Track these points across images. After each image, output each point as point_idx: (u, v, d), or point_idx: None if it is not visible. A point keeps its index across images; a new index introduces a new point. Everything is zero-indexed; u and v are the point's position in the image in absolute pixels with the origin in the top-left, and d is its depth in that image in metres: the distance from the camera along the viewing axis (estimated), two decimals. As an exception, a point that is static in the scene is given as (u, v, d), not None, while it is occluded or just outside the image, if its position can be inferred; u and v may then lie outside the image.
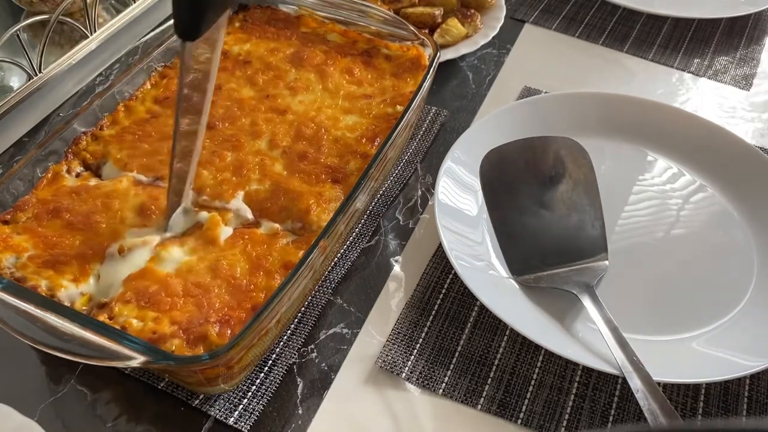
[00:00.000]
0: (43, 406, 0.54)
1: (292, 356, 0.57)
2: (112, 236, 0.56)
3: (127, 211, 0.58)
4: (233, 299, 0.52)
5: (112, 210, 0.58)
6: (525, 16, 0.96)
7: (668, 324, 0.59)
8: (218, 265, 0.54)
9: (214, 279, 0.53)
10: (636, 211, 0.69)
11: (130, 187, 0.60)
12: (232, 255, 0.55)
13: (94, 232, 0.56)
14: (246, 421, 0.53)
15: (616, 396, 0.56)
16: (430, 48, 0.71)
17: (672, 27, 0.95)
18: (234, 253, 0.55)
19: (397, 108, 0.68)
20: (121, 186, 0.60)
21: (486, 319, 0.60)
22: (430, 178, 0.73)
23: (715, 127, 0.73)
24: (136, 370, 0.55)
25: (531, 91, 0.84)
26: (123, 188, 0.60)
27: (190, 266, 0.54)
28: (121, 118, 0.66)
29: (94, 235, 0.56)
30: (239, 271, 0.54)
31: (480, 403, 0.55)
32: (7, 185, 0.57)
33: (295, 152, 0.64)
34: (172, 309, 0.51)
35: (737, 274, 0.63)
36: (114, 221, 0.57)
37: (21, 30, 0.72)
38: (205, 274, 0.54)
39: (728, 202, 0.70)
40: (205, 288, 0.53)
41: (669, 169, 0.73)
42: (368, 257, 0.65)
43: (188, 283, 0.53)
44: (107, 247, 0.55)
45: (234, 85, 0.70)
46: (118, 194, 0.59)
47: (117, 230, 0.56)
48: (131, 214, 0.58)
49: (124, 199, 0.59)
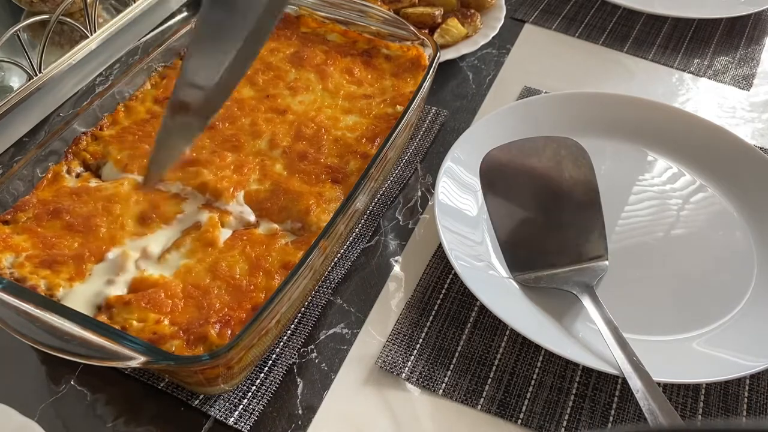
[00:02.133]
0: (43, 406, 0.54)
1: (292, 356, 0.57)
2: (112, 242, 0.56)
3: (128, 218, 0.58)
4: (233, 299, 0.52)
5: (113, 215, 0.58)
6: (525, 16, 0.96)
7: (668, 324, 0.59)
8: (217, 267, 0.54)
9: (214, 280, 0.53)
10: (636, 211, 0.69)
11: (131, 192, 0.60)
12: (231, 257, 0.55)
13: (93, 235, 0.56)
14: (246, 422, 0.53)
15: (616, 396, 0.56)
16: (430, 48, 0.71)
17: (672, 27, 0.95)
18: (233, 254, 0.55)
19: (397, 108, 0.68)
20: (123, 189, 0.60)
21: (486, 319, 0.60)
22: (430, 178, 0.73)
23: (715, 127, 0.73)
24: (136, 371, 0.55)
25: (531, 91, 0.84)
26: (124, 192, 0.60)
27: (189, 268, 0.54)
28: (121, 118, 0.66)
29: (94, 238, 0.56)
30: (239, 271, 0.54)
31: (480, 403, 0.55)
32: (7, 185, 0.57)
33: (295, 152, 0.64)
34: (173, 311, 0.51)
35: (737, 274, 0.63)
36: (114, 227, 0.57)
37: (21, 30, 0.72)
38: (204, 275, 0.54)
39: (728, 202, 0.70)
40: (205, 289, 0.53)
41: (669, 169, 0.73)
42: (368, 257, 0.65)
43: (187, 284, 0.53)
44: (106, 251, 0.55)
45: (234, 85, 0.70)
46: (120, 198, 0.59)
47: (116, 237, 0.56)
48: (131, 222, 0.58)
49: (125, 205, 0.58)
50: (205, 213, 0.58)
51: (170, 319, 0.50)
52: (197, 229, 0.57)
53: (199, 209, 0.59)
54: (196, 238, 0.57)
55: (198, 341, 0.49)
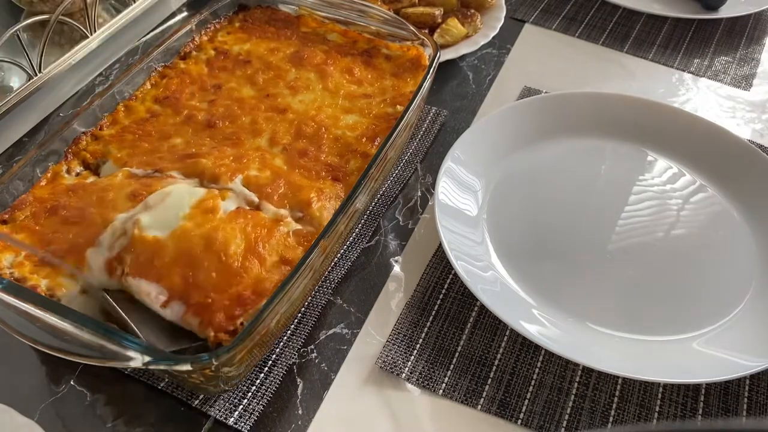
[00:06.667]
0: (43, 406, 0.54)
1: (292, 356, 0.57)
2: (104, 224, 0.54)
3: (120, 200, 0.57)
4: (220, 280, 0.51)
5: (106, 201, 0.57)
6: (525, 16, 0.96)
7: (668, 324, 0.59)
8: (213, 237, 0.52)
9: (206, 251, 0.51)
10: (636, 212, 0.69)
11: (124, 180, 0.59)
12: (231, 228, 0.53)
13: (88, 223, 0.55)
14: (246, 421, 0.53)
15: (616, 396, 0.56)
16: (430, 48, 0.71)
17: (672, 27, 0.95)
18: (233, 227, 0.53)
19: (397, 108, 0.68)
20: (116, 180, 0.59)
21: (486, 319, 0.60)
22: (430, 178, 0.73)
23: (715, 127, 0.73)
24: (136, 371, 0.55)
25: (531, 91, 0.84)
26: (118, 182, 0.59)
27: (186, 231, 0.52)
28: (121, 118, 0.66)
29: (88, 225, 0.55)
30: (233, 249, 0.52)
31: (480, 403, 0.55)
32: (7, 185, 0.57)
33: (296, 150, 0.63)
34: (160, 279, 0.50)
35: (737, 274, 0.63)
36: (107, 210, 0.56)
37: (21, 30, 0.72)
38: (199, 242, 0.52)
39: (728, 202, 0.70)
40: (195, 261, 0.51)
41: (669, 170, 0.73)
42: (368, 257, 0.65)
43: (180, 251, 0.51)
44: (99, 234, 0.54)
45: (234, 85, 0.70)
46: (113, 187, 0.58)
47: (108, 218, 0.55)
48: (123, 201, 0.56)
49: (118, 191, 0.58)
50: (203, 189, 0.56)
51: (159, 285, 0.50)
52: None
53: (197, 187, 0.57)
54: (194, 205, 0.54)
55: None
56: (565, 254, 0.65)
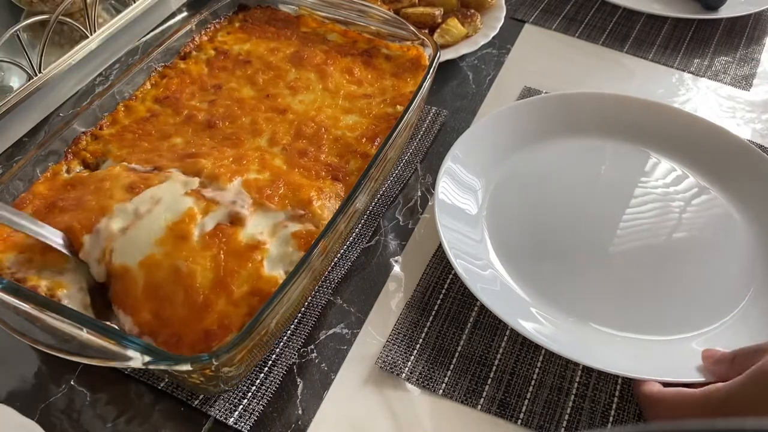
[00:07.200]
0: (43, 406, 0.54)
1: (292, 356, 0.57)
2: (101, 212, 0.54)
3: (117, 190, 0.56)
4: (187, 315, 0.50)
5: (103, 190, 0.57)
6: (525, 16, 0.96)
7: (668, 324, 0.59)
8: (181, 269, 0.51)
9: (174, 285, 0.51)
10: (638, 213, 0.69)
11: (122, 172, 0.59)
12: (201, 258, 0.52)
13: (84, 209, 0.55)
14: (246, 421, 0.53)
15: (616, 396, 0.56)
16: (430, 48, 0.71)
17: (672, 27, 0.95)
18: (204, 255, 0.52)
19: (397, 108, 0.68)
20: (114, 171, 0.59)
21: (486, 319, 0.60)
22: (430, 178, 0.73)
23: (715, 127, 0.73)
24: (136, 371, 0.55)
25: (531, 91, 0.84)
26: (116, 173, 0.59)
27: (156, 262, 0.52)
28: (121, 118, 0.66)
29: (84, 210, 0.55)
30: (200, 281, 0.51)
31: (480, 403, 0.55)
32: (7, 185, 0.57)
33: (296, 150, 0.63)
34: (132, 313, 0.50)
35: (737, 274, 0.63)
36: (104, 198, 0.55)
37: (21, 30, 0.72)
38: (168, 274, 0.51)
39: (729, 203, 0.70)
40: (164, 295, 0.50)
41: (669, 170, 0.73)
42: (368, 257, 0.65)
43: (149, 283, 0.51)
44: (96, 222, 0.53)
45: (234, 85, 0.70)
46: (111, 177, 0.58)
47: (106, 206, 0.54)
48: (120, 192, 0.56)
49: (115, 181, 0.57)
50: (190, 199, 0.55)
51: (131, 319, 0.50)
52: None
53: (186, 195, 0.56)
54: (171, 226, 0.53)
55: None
56: (564, 254, 0.65)
